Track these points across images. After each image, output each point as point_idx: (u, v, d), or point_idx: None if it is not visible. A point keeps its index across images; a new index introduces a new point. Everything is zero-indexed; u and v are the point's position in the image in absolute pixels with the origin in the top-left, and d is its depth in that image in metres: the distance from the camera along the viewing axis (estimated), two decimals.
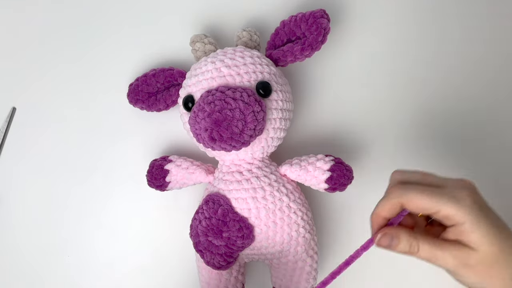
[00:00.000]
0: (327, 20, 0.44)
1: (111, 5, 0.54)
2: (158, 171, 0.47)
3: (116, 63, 0.53)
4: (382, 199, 0.35)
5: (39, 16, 0.55)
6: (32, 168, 0.54)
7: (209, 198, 0.44)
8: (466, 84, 0.50)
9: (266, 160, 0.46)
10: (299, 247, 0.43)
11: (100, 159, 0.53)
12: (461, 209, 0.31)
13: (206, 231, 0.43)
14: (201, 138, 0.42)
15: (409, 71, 0.51)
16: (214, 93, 0.41)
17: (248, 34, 0.46)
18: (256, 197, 0.43)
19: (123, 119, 0.53)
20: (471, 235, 0.32)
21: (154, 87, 0.48)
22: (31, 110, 0.54)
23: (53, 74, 0.54)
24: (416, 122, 0.50)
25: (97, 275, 0.52)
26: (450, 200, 0.32)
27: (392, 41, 0.51)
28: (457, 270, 0.33)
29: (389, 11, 0.51)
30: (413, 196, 0.33)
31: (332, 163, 0.44)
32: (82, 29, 0.54)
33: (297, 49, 0.44)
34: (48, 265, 0.53)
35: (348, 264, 0.36)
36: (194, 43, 0.46)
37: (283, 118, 0.44)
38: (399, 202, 0.34)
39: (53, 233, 0.53)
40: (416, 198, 0.33)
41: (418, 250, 0.33)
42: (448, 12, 0.51)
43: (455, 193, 0.32)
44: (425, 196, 0.32)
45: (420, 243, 0.33)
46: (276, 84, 0.43)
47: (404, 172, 0.36)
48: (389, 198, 0.34)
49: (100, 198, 0.53)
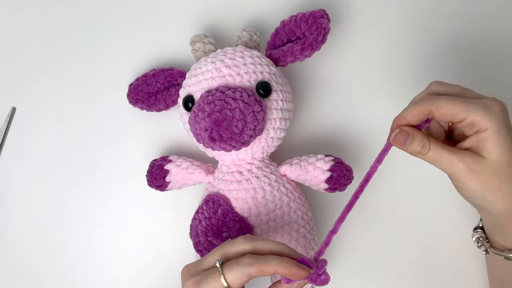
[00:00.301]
0: (327, 20, 0.44)
1: (111, 5, 0.54)
2: (158, 171, 0.47)
3: (116, 63, 0.53)
4: (410, 104, 0.36)
5: (39, 16, 0.55)
6: (32, 168, 0.54)
7: (209, 198, 0.44)
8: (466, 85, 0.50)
9: (266, 160, 0.46)
10: (299, 247, 0.43)
11: (100, 159, 0.53)
12: (489, 115, 0.32)
13: (206, 231, 0.43)
14: (201, 138, 0.42)
15: (409, 71, 0.51)
16: (214, 93, 0.41)
17: (248, 34, 0.46)
18: (256, 197, 0.43)
19: (123, 119, 0.53)
20: (487, 143, 0.32)
21: (154, 87, 0.48)
22: (31, 110, 0.54)
23: (53, 74, 0.54)
24: None
25: (97, 275, 0.52)
26: (480, 107, 0.33)
27: (392, 41, 0.51)
28: (461, 174, 0.34)
29: (389, 11, 0.51)
30: (444, 103, 0.33)
31: (332, 163, 0.44)
32: (82, 29, 0.54)
33: (297, 49, 0.44)
34: (48, 265, 0.53)
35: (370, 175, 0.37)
36: (194, 43, 0.47)
37: (283, 118, 0.44)
38: (428, 108, 0.34)
39: (53, 233, 0.53)
40: (447, 104, 0.33)
41: (429, 150, 0.34)
42: (448, 12, 0.51)
43: (487, 103, 0.33)
44: (456, 103, 0.33)
45: (432, 144, 0.34)
46: (276, 84, 0.43)
47: (442, 84, 0.36)
48: (420, 103, 0.34)
49: (100, 198, 0.53)
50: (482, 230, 0.40)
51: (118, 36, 0.54)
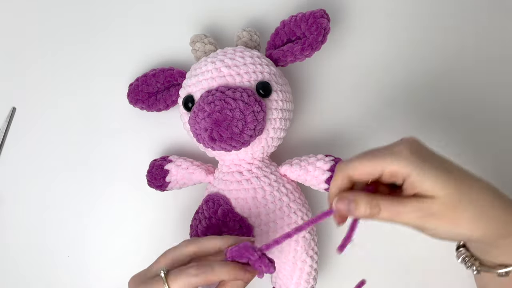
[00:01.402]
0: (327, 20, 0.44)
1: (111, 5, 0.54)
2: (158, 171, 0.47)
3: (116, 63, 0.53)
4: (332, 180, 0.35)
5: (39, 16, 0.55)
6: (32, 168, 0.54)
7: (209, 198, 0.44)
8: (467, 85, 0.50)
9: (266, 160, 0.46)
10: (299, 247, 0.43)
11: (100, 159, 0.53)
12: (401, 161, 0.31)
13: (206, 231, 0.43)
14: (201, 138, 0.42)
15: (409, 71, 0.51)
16: (214, 93, 0.41)
17: (248, 34, 0.46)
18: (256, 197, 0.43)
19: (123, 119, 0.53)
20: (422, 185, 0.31)
21: (154, 87, 0.48)
22: (31, 110, 0.54)
23: (53, 74, 0.54)
24: (416, 122, 0.50)
25: (97, 275, 0.52)
26: (389, 156, 0.32)
27: (392, 41, 0.51)
28: (424, 223, 0.32)
29: (389, 11, 0.51)
30: (355, 164, 0.33)
31: (332, 163, 0.44)
32: (82, 29, 0.54)
33: (297, 49, 0.44)
34: (48, 265, 0.53)
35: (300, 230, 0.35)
36: (194, 43, 0.46)
37: (283, 118, 0.44)
38: (346, 174, 0.33)
39: (53, 233, 0.53)
40: (359, 164, 0.33)
41: (380, 210, 0.32)
42: (448, 12, 0.51)
43: (392, 149, 0.32)
44: (366, 160, 0.33)
45: (381, 202, 0.32)
46: (276, 84, 0.43)
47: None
48: (337, 172, 0.34)
49: (100, 198, 0.53)
50: (465, 248, 0.38)
51: (118, 36, 0.54)
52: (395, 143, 0.33)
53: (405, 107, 0.50)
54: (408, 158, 0.31)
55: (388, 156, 0.32)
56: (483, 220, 0.32)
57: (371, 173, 0.33)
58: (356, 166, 0.33)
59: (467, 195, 0.31)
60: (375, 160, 0.32)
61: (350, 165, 0.33)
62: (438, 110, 0.50)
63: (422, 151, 0.33)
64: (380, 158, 0.32)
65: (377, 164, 0.32)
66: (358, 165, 0.33)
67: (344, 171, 0.34)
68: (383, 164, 0.32)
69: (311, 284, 0.45)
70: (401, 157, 0.32)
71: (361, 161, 0.33)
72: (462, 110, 0.50)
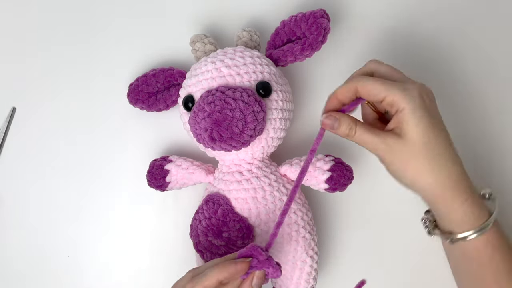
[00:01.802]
0: (327, 20, 0.44)
1: (111, 5, 0.54)
2: (158, 171, 0.47)
3: (116, 63, 0.53)
4: (342, 85, 0.38)
5: (39, 16, 0.55)
6: (32, 168, 0.54)
7: (209, 198, 0.44)
8: (467, 83, 0.50)
9: (266, 160, 0.46)
10: (299, 247, 0.43)
11: (100, 159, 0.53)
12: (405, 97, 0.34)
13: (206, 231, 0.43)
14: (201, 138, 0.42)
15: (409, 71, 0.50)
16: (214, 93, 0.41)
17: (248, 34, 0.46)
18: (256, 197, 0.43)
19: (123, 119, 0.53)
20: (404, 123, 0.34)
21: (154, 87, 0.48)
22: (31, 110, 0.54)
23: (53, 74, 0.54)
24: None
25: (97, 275, 0.52)
26: (399, 87, 0.35)
27: (392, 41, 0.51)
28: (383, 154, 0.36)
29: (389, 11, 0.51)
30: (367, 82, 0.36)
31: (332, 163, 0.44)
32: (82, 29, 0.54)
33: (297, 49, 0.44)
34: (48, 265, 0.53)
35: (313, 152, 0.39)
36: (194, 43, 0.46)
37: (283, 118, 0.44)
38: (354, 86, 0.37)
39: (53, 233, 0.53)
40: (369, 84, 0.36)
41: (355, 133, 0.37)
42: (448, 12, 0.51)
43: (406, 85, 0.35)
44: (377, 83, 0.35)
45: (358, 127, 0.37)
46: (276, 84, 0.43)
47: (378, 63, 0.39)
48: (348, 82, 0.37)
49: (99, 198, 0.53)
50: (430, 214, 0.41)
51: (118, 36, 0.54)
52: (411, 81, 0.36)
53: None
54: (413, 97, 0.34)
55: (398, 88, 0.35)
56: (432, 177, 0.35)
57: (376, 95, 0.36)
58: (366, 84, 0.36)
59: (432, 149, 0.34)
60: (385, 85, 0.35)
61: (362, 81, 0.36)
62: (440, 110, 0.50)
63: (428, 102, 0.35)
64: (390, 87, 0.35)
65: (385, 90, 0.35)
66: (368, 84, 0.36)
67: (355, 82, 0.36)
68: (390, 92, 0.35)
69: (311, 284, 0.45)
70: (408, 93, 0.34)
71: (373, 82, 0.36)
72: (464, 110, 0.50)
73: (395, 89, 0.34)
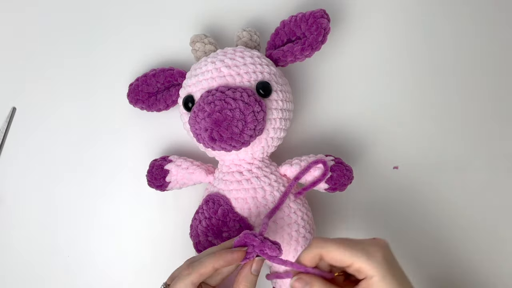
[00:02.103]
0: (327, 20, 0.44)
1: (111, 5, 0.54)
2: (158, 171, 0.47)
3: (116, 63, 0.53)
4: (305, 249, 0.37)
5: (39, 16, 0.55)
6: (32, 168, 0.54)
7: (209, 198, 0.44)
8: (467, 83, 0.50)
9: (266, 160, 0.46)
10: (299, 247, 0.43)
11: (100, 159, 0.53)
12: (372, 263, 0.34)
13: (206, 231, 0.43)
14: (201, 138, 0.42)
15: (409, 71, 0.51)
16: (214, 93, 0.41)
17: (248, 34, 0.46)
18: (256, 197, 0.43)
19: (123, 119, 0.53)
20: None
21: (154, 87, 0.48)
22: (31, 110, 0.54)
23: (53, 74, 0.54)
24: (416, 122, 0.50)
25: (97, 275, 0.52)
26: (363, 254, 0.34)
27: (392, 41, 0.51)
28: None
29: (389, 11, 0.51)
30: (331, 248, 0.35)
31: (332, 163, 0.44)
32: (83, 29, 0.54)
33: (297, 49, 0.44)
34: (48, 265, 0.53)
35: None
36: (194, 43, 0.46)
37: (283, 118, 0.44)
38: (319, 252, 0.36)
39: (53, 233, 0.53)
40: (334, 250, 0.35)
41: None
42: (449, 13, 0.51)
43: (368, 248, 0.35)
44: (342, 249, 0.35)
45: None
46: (276, 84, 0.43)
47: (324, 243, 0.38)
48: (311, 248, 0.36)
49: (100, 198, 0.53)
50: None
51: (118, 36, 0.54)
52: (371, 243, 0.35)
53: (406, 106, 0.50)
54: (379, 262, 0.34)
55: (363, 255, 0.34)
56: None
57: (341, 261, 0.35)
58: (331, 250, 0.35)
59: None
60: (350, 253, 0.34)
61: (327, 247, 0.35)
62: (439, 109, 0.50)
63: (391, 260, 0.35)
64: (355, 254, 0.34)
65: (350, 257, 0.34)
66: (333, 251, 0.35)
67: (319, 249, 0.36)
68: (356, 259, 0.34)
69: None
70: (373, 259, 0.34)
71: (337, 249, 0.35)
72: (464, 109, 0.50)
73: (360, 256, 0.34)
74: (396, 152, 0.50)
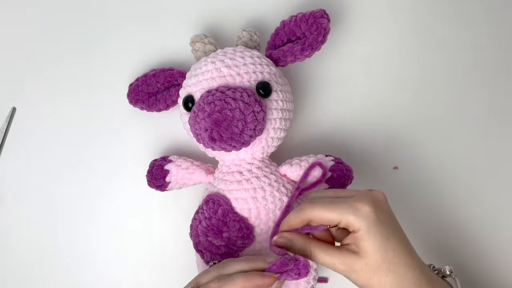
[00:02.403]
0: (327, 20, 0.44)
1: (111, 5, 0.54)
2: (158, 171, 0.47)
3: (116, 63, 0.53)
4: (293, 212, 0.38)
5: (39, 16, 0.55)
6: (32, 168, 0.54)
7: (209, 198, 0.44)
8: (466, 84, 0.50)
9: (266, 160, 0.46)
10: None
11: (100, 159, 0.53)
12: (358, 218, 0.34)
13: (206, 231, 0.43)
14: (201, 138, 0.42)
15: (409, 71, 0.51)
16: (214, 93, 0.41)
17: (248, 34, 0.46)
18: (256, 197, 0.43)
19: (123, 119, 0.53)
20: (362, 242, 0.35)
21: (154, 87, 0.48)
22: (31, 110, 0.54)
23: (53, 74, 0.54)
24: (416, 122, 0.50)
25: (97, 275, 0.52)
26: (349, 210, 0.35)
27: (392, 41, 0.51)
28: (346, 275, 0.36)
29: (389, 11, 0.51)
30: (318, 211, 0.36)
31: (332, 163, 0.44)
32: (82, 29, 0.54)
33: (297, 49, 0.44)
34: (48, 265, 0.53)
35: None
36: (194, 43, 0.46)
37: (283, 118, 0.44)
38: (307, 217, 0.36)
39: (53, 233, 0.53)
40: (321, 212, 0.36)
41: (311, 255, 0.37)
42: (448, 14, 0.51)
43: (355, 204, 0.35)
44: (328, 210, 0.35)
45: (312, 249, 0.37)
46: (276, 84, 0.43)
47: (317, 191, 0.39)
48: (299, 213, 0.37)
49: (100, 198, 0.53)
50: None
51: (118, 36, 0.54)
52: (360, 197, 0.36)
53: (406, 106, 0.50)
54: (365, 216, 0.34)
55: (349, 210, 0.35)
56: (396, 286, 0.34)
57: (330, 221, 0.36)
58: (318, 213, 0.36)
59: (389, 264, 0.34)
60: (337, 212, 0.35)
61: (314, 212, 0.36)
62: (439, 110, 0.50)
63: (380, 213, 0.35)
64: (341, 212, 0.35)
65: (337, 215, 0.35)
66: (320, 213, 0.36)
67: (306, 215, 0.36)
68: (342, 216, 0.35)
69: (311, 284, 0.45)
70: (359, 213, 0.35)
71: (323, 210, 0.36)
72: (463, 110, 0.50)
73: (346, 213, 0.35)
74: (396, 152, 0.50)
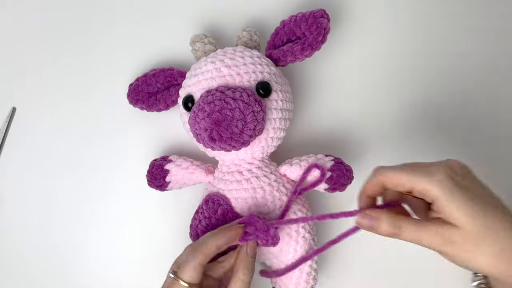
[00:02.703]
0: (327, 20, 0.44)
1: (111, 5, 0.54)
2: (158, 171, 0.47)
3: (116, 63, 0.53)
4: (367, 179, 0.36)
5: (39, 16, 0.55)
6: (32, 168, 0.54)
7: (208, 198, 0.44)
8: (466, 84, 0.50)
9: (266, 160, 0.46)
10: (298, 247, 0.43)
11: (100, 159, 0.53)
12: (432, 182, 0.31)
13: (206, 231, 0.43)
14: (201, 138, 0.42)
15: (409, 71, 0.51)
16: (214, 93, 0.41)
17: (248, 34, 0.46)
18: (256, 197, 0.43)
19: (123, 119, 0.53)
20: (448, 211, 0.31)
21: (154, 87, 0.48)
22: (31, 110, 0.54)
23: (53, 74, 0.54)
24: (416, 122, 0.50)
25: (96, 275, 0.52)
26: (423, 175, 0.32)
27: (392, 41, 0.51)
28: (443, 249, 0.32)
29: (389, 11, 0.51)
30: (391, 173, 0.33)
31: (332, 163, 0.44)
32: (82, 29, 0.54)
33: (297, 49, 0.44)
34: (48, 265, 0.53)
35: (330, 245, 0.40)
36: (194, 43, 0.47)
37: (283, 118, 0.44)
38: (380, 180, 0.34)
39: (53, 233, 0.53)
40: (394, 174, 0.33)
41: (401, 231, 0.33)
42: (448, 12, 0.51)
43: (430, 168, 0.32)
44: (401, 172, 0.33)
45: (403, 224, 0.33)
46: (276, 84, 0.43)
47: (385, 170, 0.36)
48: (372, 176, 0.35)
49: (100, 198, 0.53)
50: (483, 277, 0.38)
51: (118, 36, 0.54)
52: (436, 163, 0.33)
53: (406, 106, 0.50)
54: (441, 181, 0.31)
55: (423, 174, 0.32)
56: (503, 259, 0.30)
57: (403, 186, 0.33)
58: (391, 175, 0.33)
59: (492, 231, 0.30)
60: (410, 175, 0.32)
61: (386, 173, 0.34)
62: (439, 109, 0.50)
63: (460, 177, 0.32)
64: (415, 174, 0.32)
65: (410, 178, 0.32)
66: (392, 175, 0.33)
67: (378, 176, 0.34)
68: (416, 180, 0.32)
69: (311, 284, 0.45)
70: (434, 178, 0.31)
71: (396, 172, 0.33)
72: (463, 110, 0.50)
73: (419, 178, 0.32)
74: (396, 152, 0.50)
